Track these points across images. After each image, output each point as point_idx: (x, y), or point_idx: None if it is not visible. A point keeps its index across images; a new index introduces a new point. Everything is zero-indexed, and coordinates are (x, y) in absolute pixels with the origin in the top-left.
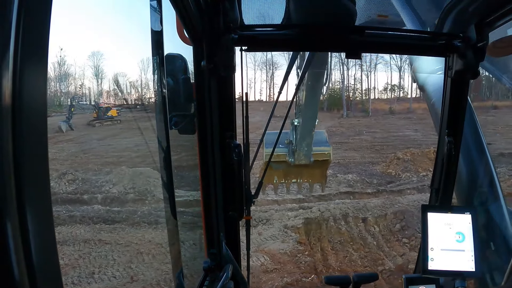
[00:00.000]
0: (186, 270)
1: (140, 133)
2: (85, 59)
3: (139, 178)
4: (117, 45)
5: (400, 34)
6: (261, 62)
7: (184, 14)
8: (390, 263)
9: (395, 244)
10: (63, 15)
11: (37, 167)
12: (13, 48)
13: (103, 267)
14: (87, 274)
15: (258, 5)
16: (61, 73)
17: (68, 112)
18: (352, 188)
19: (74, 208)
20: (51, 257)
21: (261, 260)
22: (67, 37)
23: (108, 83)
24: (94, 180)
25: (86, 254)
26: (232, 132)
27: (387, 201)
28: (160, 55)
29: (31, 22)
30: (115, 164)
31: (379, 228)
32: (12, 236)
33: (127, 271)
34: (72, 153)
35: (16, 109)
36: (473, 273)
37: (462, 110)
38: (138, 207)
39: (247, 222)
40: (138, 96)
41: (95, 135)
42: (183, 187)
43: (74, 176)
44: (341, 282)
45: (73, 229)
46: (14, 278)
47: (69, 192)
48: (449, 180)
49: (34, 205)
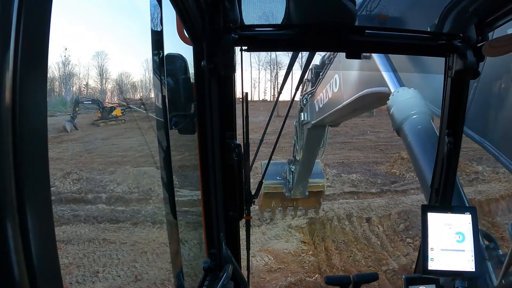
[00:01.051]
0: (186, 270)
1: (144, 132)
2: (89, 59)
3: (143, 177)
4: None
5: (400, 34)
6: (265, 61)
7: (184, 14)
8: (394, 263)
9: (399, 244)
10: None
11: (37, 167)
12: (13, 48)
13: (108, 266)
14: (91, 273)
15: (258, 5)
16: (65, 72)
17: (73, 111)
18: (356, 188)
19: (79, 207)
20: (51, 257)
21: (265, 260)
22: (67, 37)
23: (112, 83)
24: (98, 179)
25: (91, 253)
26: (232, 132)
27: (391, 201)
28: (160, 55)
29: (31, 22)
30: (119, 163)
31: (383, 228)
32: (12, 236)
33: (131, 270)
34: (76, 152)
35: (16, 109)
36: (473, 273)
37: (462, 110)
38: (142, 207)
39: (247, 222)
40: (141, 96)
41: (99, 134)
42: (183, 187)
43: (79, 176)
44: (341, 282)
45: (78, 228)
46: (14, 278)
47: (73, 192)
48: (449, 180)
49: (34, 205)
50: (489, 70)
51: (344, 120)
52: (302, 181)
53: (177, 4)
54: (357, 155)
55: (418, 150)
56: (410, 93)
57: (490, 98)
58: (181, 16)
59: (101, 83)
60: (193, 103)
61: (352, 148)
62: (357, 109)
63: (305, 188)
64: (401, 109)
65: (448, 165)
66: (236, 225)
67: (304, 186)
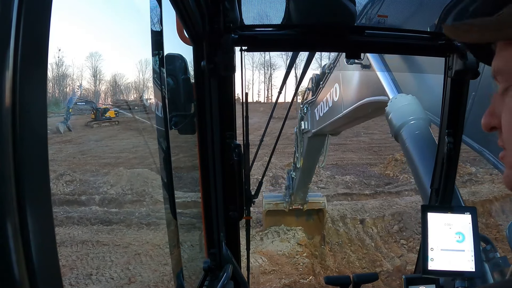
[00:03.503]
0: (186, 270)
1: (138, 134)
2: (83, 60)
3: (137, 179)
4: (117, 45)
5: (400, 34)
6: (259, 63)
7: (184, 14)
8: (388, 265)
9: (393, 246)
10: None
11: (37, 167)
12: (13, 48)
13: (101, 269)
14: (84, 276)
15: (258, 5)
16: (59, 73)
17: (66, 113)
18: (350, 190)
19: (72, 209)
20: (51, 257)
21: (259, 262)
22: (64, 37)
23: (107, 84)
24: (92, 181)
25: (84, 255)
26: (232, 132)
27: (385, 202)
28: (160, 55)
29: (31, 22)
30: (112, 165)
31: (377, 229)
32: (12, 236)
33: (125, 273)
34: (70, 154)
35: (16, 109)
36: (473, 273)
37: (462, 110)
38: (136, 208)
39: (247, 222)
40: (137, 97)
41: (93, 136)
42: (183, 187)
43: (72, 177)
44: (341, 282)
45: (71, 230)
46: (14, 278)
47: (66, 193)
48: (449, 180)
49: (34, 205)
50: (488, 79)
51: (345, 129)
52: (302, 187)
53: (177, 4)
54: (351, 157)
55: (416, 155)
56: (408, 99)
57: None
58: (181, 16)
59: (94, 84)
60: (193, 103)
61: (346, 149)
62: (357, 118)
63: (306, 194)
64: (399, 115)
65: (448, 165)
66: (236, 225)
67: (305, 192)
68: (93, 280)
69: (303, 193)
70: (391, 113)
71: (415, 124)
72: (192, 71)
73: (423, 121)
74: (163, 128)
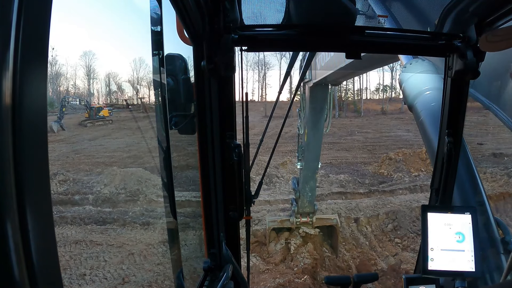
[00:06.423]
0: (186, 270)
1: (132, 133)
2: (77, 59)
3: (130, 178)
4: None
5: (400, 34)
6: (253, 62)
7: (184, 14)
8: (382, 263)
9: (388, 244)
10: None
11: (37, 167)
12: (13, 48)
13: (95, 268)
14: (78, 276)
15: (258, 5)
16: (52, 72)
17: (60, 112)
18: (344, 188)
19: (65, 209)
20: (51, 257)
21: (253, 261)
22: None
23: (105, 83)
24: (85, 180)
25: (77, 255)
26: (232, 132)
27: (379, 201)
28: (160, 55)
29: (31, 22)
30: (106, 164)
31: (372, 228)
32: (12, 236)
33: (118, 272)
34: (63, 153)
35: (16, 109)
36: (473, 273)
37: (462, 110)
38: (129, 208)
39: (247, 222)
40: (134, 96)
41: (86, 135)
42: (183, 187)
43: (65, 177)
44: (341, 282)
45: (64, 230)
46: (14, 278)
47: (60, 193)
48: (449, 180)
49: (34, 205)
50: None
51: (346, 79)
52: (309, 179)
53: (177, 4)
54: (345, 156)
55: (431, 130)
56: (424, 65)
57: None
58: (181, 16)
59: (88, 84)
60: (193, 103)
61: (340, 148)
62: (358, 69)
63: (314, 193)
64: (414, 84)
65: (448, 165)
66: (236, 225)
67: (312, 189)
68: (87, 280)
69: (311, 192)
70: (404, 81)
71: (431, 94)
72: (192, 71)
73: (440, 92)
74: (163, 128)
